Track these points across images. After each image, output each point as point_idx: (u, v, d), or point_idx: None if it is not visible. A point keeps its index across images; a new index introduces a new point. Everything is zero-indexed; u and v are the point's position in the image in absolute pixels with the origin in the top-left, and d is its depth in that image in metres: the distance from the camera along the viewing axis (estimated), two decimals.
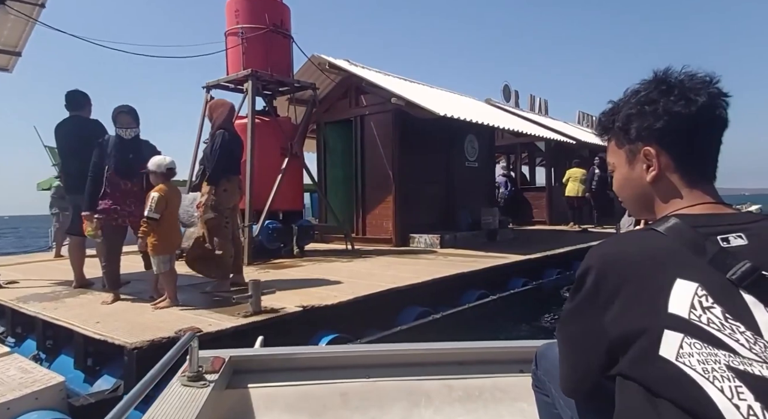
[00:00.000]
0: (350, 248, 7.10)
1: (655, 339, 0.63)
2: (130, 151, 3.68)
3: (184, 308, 3.49)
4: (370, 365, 1.52)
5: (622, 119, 0.84)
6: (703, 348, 0.60)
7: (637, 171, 0.84)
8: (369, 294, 3.88)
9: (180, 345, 1.28)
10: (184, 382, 1.34)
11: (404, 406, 1.45)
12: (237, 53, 6.89)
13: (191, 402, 1.24)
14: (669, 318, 0.63)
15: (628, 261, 0.71)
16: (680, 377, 0.60)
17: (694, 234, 0.69)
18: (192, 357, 1.37)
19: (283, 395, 1.45)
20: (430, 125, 7.47)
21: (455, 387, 1.48)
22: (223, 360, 1.45)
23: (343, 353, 1.58)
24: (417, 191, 7.97)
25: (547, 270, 6.27)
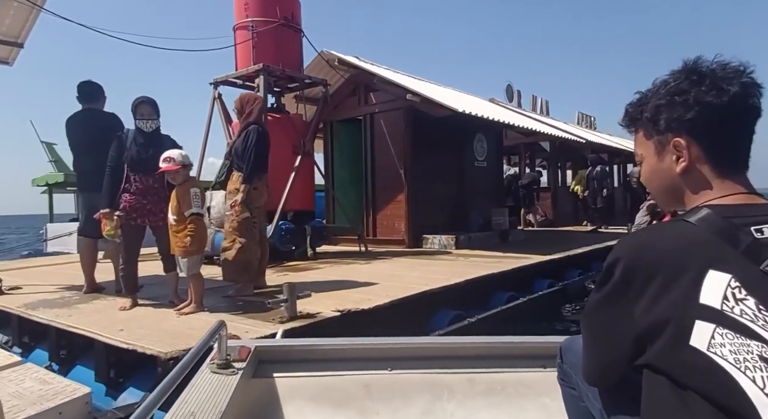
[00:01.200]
0: (364, 249, 6.89)
1: (685, 329, 0.63)
2: (151, 145, 3.44)
3: (212, 314, 3.25)
4: (393, 357, 1.52)
5: (650, 109, 0.83)
6: (736, 339, 0.60)
7: (667, 162, 0.83)
8: (404, 297, 3.68)
9: (211, 332, 1.33)
10: (214, 369, 1.38)
11: (427, 399, 1.46)
12: (247, 48, 6.66)
13: (221, 389, 1.28)
14: (701, 308, 0.63)
15: (659, 252, 0.71)
16: (711, 367, 0.60)
17: (726, 225, 0.69)
18: (221, 345, 1.41)
19: (307, 385, 1.48)
20: (440, 123, 7.30)
21: (478, 381, 1.48)
22: (249, 349, 1.48)
23: (367, 345, 1.57)
24: (429, 191, 7.79)
25: (568, 271, 6.12)
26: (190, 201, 3.15)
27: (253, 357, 1.49)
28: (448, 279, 4.34)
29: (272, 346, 1.57)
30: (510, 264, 5.32)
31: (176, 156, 3.15)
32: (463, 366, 1.51)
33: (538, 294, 5.02)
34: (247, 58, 6.69)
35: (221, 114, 7.11)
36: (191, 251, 3.20)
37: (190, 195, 3.17)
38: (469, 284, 4.38)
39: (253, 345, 1.53)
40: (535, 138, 11.09)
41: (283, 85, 7.12)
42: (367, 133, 8.03)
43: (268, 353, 1.55)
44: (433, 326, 3.81)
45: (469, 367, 1.50)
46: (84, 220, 4.21)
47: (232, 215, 3.58)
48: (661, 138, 0.83)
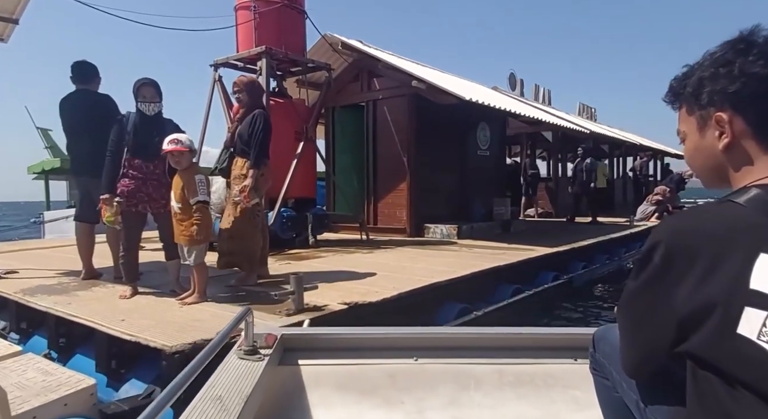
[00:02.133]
0: (365, 238, 6.81)
1: (733, 316, 0.60)
2: (153, 129, 3.31)
3: (216, 304, 3.17)
4: (418, 347, 1.50)
5: (693, 83, 0.78)
6: None
7: (708, 139, 0.78)
8: (412, 290, 3.60)
9: (237, 317, 1.34)
10: (241, 355, 1.38)
11: (453, 388, 1.44)
12: (249, 29, 6.48)
13: (249, 374, 1.28)
14: (750, 294, 0.59)
15: (703, 235, 0.67)
16: (761, 356, 0.56)
17: None
18: (248, 331, 1.42)
19: (332, 373, 1.48)
20: (444, 111, 7.18)
21: (506, 372, 1.46)
22: (275, 336, 1.48)
23: (392, 334, 1.56)
24: (431, 180, 7.69)
25: (573, 263, 6.08)
26: (195, 188, 3.04)
27: (279, 345, 1.49)
28: (454, 271, 4.27)
29: (298, 334, 1.57)
30: (515, 256, 5.25)
31: (184, 139, 3.04)
32: (491, 357, 1.48)
33: (543, 287, 4.96)
34: (249, 40, 6.51)
35: (222, 97, 6.94)
36: (198, 240, 3.10)
37: (196, 182, 3.06)
38: (475, 276, 4.32)
39: (280, 332, 1.52)
40: (537, 128, 10.98)
41: (286, 68, 6.95)
42: (369, 119, 7.89)
43: (293, 341, 1.54)
44: (439, 319, 3.75)
45: (497, 358, 1.48)
46: (79, 205, 4.09)
47: (241, 201, 3.47)
48: (703, 113, 0.77)
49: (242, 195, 3.44)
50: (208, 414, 1.13)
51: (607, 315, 5.20)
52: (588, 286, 5.93)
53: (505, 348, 1.50)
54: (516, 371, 1.46)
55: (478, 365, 1.47)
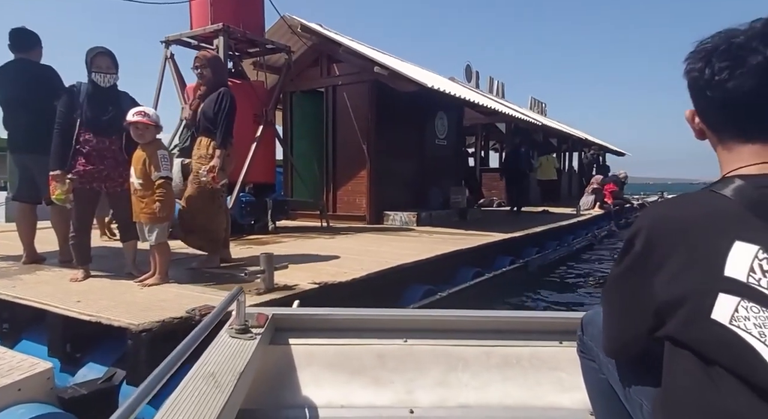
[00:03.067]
0: (325, 225, 6.75)
1: (708, 302, 0.61)
2: (108, 102, 3.11)
3: (180, 285, 3.05)
4: (407, 329, 1.53)
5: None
6: (761, 312, 0.58)
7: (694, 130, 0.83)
8: (380, 271, 3.63)
9: (230, 297, 1.35)
10: (232, 334, 1.39)
11: (441, 369, 1.47)
12: (203, 5, 6.21)
13: (240, 352, 1.29)
14: (725, 281, 0.61)
15: (682, 223, 0.69)
16: (734, 340, 0.58)
17: (756, 195, 0.66)
18: (239, 310, 1.42)
19: (323, 352, 1.50)
20: (404, 99, 7.22)
21: (493, 353, 1.49)
22: (266, 316, 1.49)
23: (381, 316, 1.58)
24: (391, 168, 7.72)
25: (526, 249, 6.32)
26: (158, 163, 2.90)
27: (271, 324, 1.49)
28: (418, 254, 4.33)
29: (289, 314, 1.58)
30: (475, 241, 5.39)
31: (151, 113, 2.89)
32: (479, 338, 1.51)
33: (501, 271, 5.13)
34: (204, 17, 6.24)
35: (174, 76, 6.62)
36: (160, 217, 2.96)
37: (159, 157, 2.91)
38: (438, 259, 4.40)
39: (271, 312, 1.53)
40: (492, 119, 11.26)
41: (243, 49, 6.72)
42: (329, 105, 7.80)
43: (284, 320, 1.54)
44: (406, 299, 3.80)
45: (485, 340, 1.51)
46: (18, 183, 3.79)
47: (208, 181, 3.34)
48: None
49: (210, 175, 3.31)
50: (201, 390, 1.12)
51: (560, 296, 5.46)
52: (541, 270, 6.19)
53: (492, 331, 1.53)
54: (503, 353, 1.49)
55: (466, 347, 1.50)
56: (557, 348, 1.48)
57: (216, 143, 3.42)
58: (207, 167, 3.35)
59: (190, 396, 1.07)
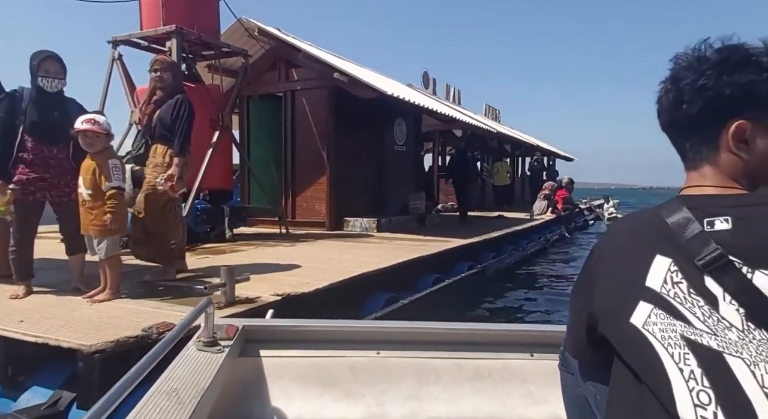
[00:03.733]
0: (284, 232, 6.65)
1: (629, 308, 0.69)
2: (55, 108, 2.94)
3: (134, 301, 2.91)
4: (380, 340, 1.52)
5: None
6: (666, 319, 0.66)
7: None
8: (343, 280, 3.60)
9: (197, 309, 1.30)
10: (200, 347, 1.35)
11: (413, 382, 1.46)
12: (155, 5, 5.98)
13: (207, 366, 1.26)
14: (645, 290, 0.69)
15: (622, 237, 0.79)
16: (643, 342, 0.66)
17: (683, 215, 0.71)
18: (208, 322, 1.38)
19: (294, 365, 1.47)
20: (363, 105, 7.24)
21: (465, 366, 1.49)
22: (236, 328, 1.45)
23: (354, 327, 1.57)
24: (350, 174, 7.70)
25: (484, 253, 6.46)
26: (110, 173, 2.76)
27: (241, 336, 1.44)
28: (380, 262, 4.34)
29: (260, 326, 1.52)
30: (434, 247, 5.46)
31: (102, 121, 2.75)
32: (451, 351, 1.51)
33: (461, 276, 5.22)
34: (155, 18, 6.02)
35: (123, 78, 6.34)
36: (111, 230, 2.82)
37: (110, 167, 2.78)
38: (400, 266, 4.43)
39: (241, 323, 1.47)
40: (449, 126, 11.44)
41: (197, 51, 6.51)
42: (287, 110, 7.69)
43: (255, 332, 1.50)
44: (369, 308, 3.80)
45: (457, 352, 1.51)
46: None
47: (165, 190, 3.21)
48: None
49: (168, 184, 3.19)
50: (162, 407, 1.06)
51: (515, 300, 5.61)
52: (498, 274, 6.35)
53: (465, 343, 1.53)
54: (475, 365, 1.49)
55: (438, 359, 1.49)
56: (528, 360, 1.49)
57: (174, 150, 3.30)
58: (165, 176, 3.23)
59: (149, 415, 1.02)
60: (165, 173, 3.32)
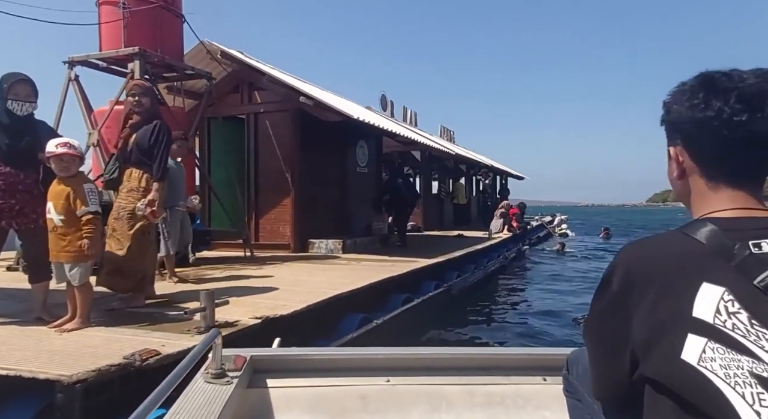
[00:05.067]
0: (249, 255, 6.57)
1: (677, 342, 0.62)
2: (25, 133, 2.86)
3: (107, 329, 2.82)
4: (390, 368, 1.49)
5: (663, 114, 0.82)
6: (726, 353, 0.59)
7: (671, 169, 0.83)
8: (319, 302, 3.63)
9: (206, 340, 1.29)
10: (208, 379, 1.33)
11: (425, 410, 1.43)
12: (116, 28, 5.90)
13: (216, 399, 1.24)
14: (693, 322, 0.62)
15: (655, 263, 0.71)
16: (702, 381, 0.58)
17: (723, 238, 0.68)
18: (216, 354, 1.36)
19: (303, 395, 1.44)
20: (326, 127, 7.36)
21: (477, 392, 1.46)
22: (244, 358, 1.43)
23: (363, 355, 1.54)
24: (314, 196, 7.74)
25: (448, 273, 6.63)
26: (85, 197, 2.70)
27: (249, 366, 1.42)
28: (352, 283, 4.39)
29: (268, 355, 1.50)
30: (402, 267, 5.57)
31: (76, 144, 2.70)
32: (462, 377, 1.48)
33: (429, 295, 5.34)
34: (116, 39, 5.93)
35: (80, 100, 6.16)
36: (87, 256, 2.74)
37: (85, 191, 2.72)
38: (371, 287, 4.49)
39: (249, 353, 1.45)
40: (408, 147, 11.73)
41: (159, 73, 6.44)
42: (250, 133, 7.68)
43: (264, 362, 1.47)
44: (343, 329, 3.83)
45: (469, 379, 1.48)
46: None
47: (145, 215, 3.16)
48: (667, 143, 0.82)
49: (149, 210, 3.14)
50: None
51: (482, 316, 5.79)
52: (462, 292, 6.53)
53: (476, 368, 1.49)
54: (487, 391, 1.45)
55: (449, 385, 1.46)
56: (541, 385, 1.45)
57: (153, 176, 3.27)
58: (145, 201, 3.18)
59: None
60: (144, 199, 3.28)
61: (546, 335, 5.13)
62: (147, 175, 3.29)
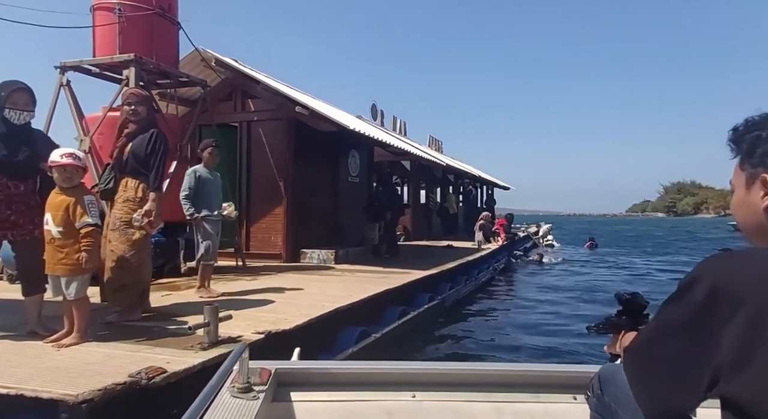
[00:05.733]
0: (241, 264, 6.49)
1: None
2: (23, 142, 2.79)
3: (103, 344, 2.75)
4: (416, 383, 1.47)
5: (750, 139, 0.79)
6: None
7: (753, 196, 0.78)
8: (321, 315, 3.60)
9: (235, 355, 1.29)
10: (234, 393, 1.32)
11: None
12: (110, 33, 5.82)
13: (243, 414, 1.24)
14: None
15: (752, 278, 0.66)
16: None
17: None
18: (242, 367, 1.35)
19: (328, 410, 1.42)
20: (319, 137, 7.35)
21: (504, 410, 1.43)
22: (269, 371, 1.42)
23: (389, 370, 1.52)
24: (307, 205, 7.70)
25: (441, 285, 6.64)
26: (86, 209, 2.65)
27: (273, 379, 1.41)
28: (351, 296, 4.37)
29: (292, 369, 1.49)
30: (397, 280, 5.56)
31: (80, 154, 2.66)
32: (490, 394, 1.45)
33: (424, 308, 5.34)
34: (111, 45, 5.84)
35: (71, 105, 6.04)
36: (85, 269, 2.68)
37: (85, 203, 2.67)
38: (371, 300, 4.48)
39: (274, 367, 1.44)
40: (400, 157, 11.77)
41: (153, 80, 6.37)
42: (243, 141, 7.63)
43: (288, 375, 1.46)
44: (342, 343, 3.80)
45: (496, 396, 1.45)
46: None
47: (142, 226, 3.10)
48: (753, 171, 0.78)
49: (146, 220, 3.09)
50: None
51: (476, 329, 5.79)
52: (456, 304, 6.54)
53: (503, 384, 1.46)
54: (514, 409, 1.42)
55: (476, 402, 1.43)
56: (570, 404, 1.40)
57: (150, 185, 3.22)
58: (142, 212, 3.12)
59: None
60: (141, 209, 3.22)
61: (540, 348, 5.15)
62: (143, 185, 3.24)
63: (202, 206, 4.36)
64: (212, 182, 4.53)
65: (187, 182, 4.39)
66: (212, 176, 4.57)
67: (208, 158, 4.54)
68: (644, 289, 8.53)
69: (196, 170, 4.50)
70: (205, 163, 4.55)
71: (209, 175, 4.52)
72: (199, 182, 4.40)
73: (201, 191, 4.39)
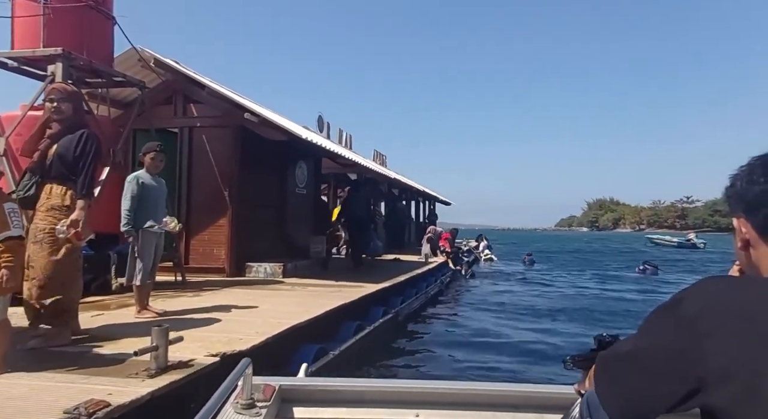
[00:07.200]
0: (180, 279, 6.01)
1: (763, 380, 0.59)
2: None
3: (27, 375, 2.35)
4: (420, 401, 1.45)
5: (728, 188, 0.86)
6: None
7: (737, 241, 0.84)
8: (278, 334, 3.35)
9: (237, 371, 1.26)
10: (238, 410, 1.30)
11: None
12: (33, 25, 5.27)
13: None
14: None
15: (740, 300, 0.69)
16: None
17: None
18: (246, 383, 1.33)
19: None
20: (266, 146, 7.09)
21: None
22: (273, 388, 1.40)
23: (393, 388, 1.51)
24: (252, 216, 7.34)
25: (393, 298, 6.53)
26: (7, 220, 2.27)
27: (277, 396, 1.38)
28: (307, 311, 4.14)
29: (296, 385, 1.46)
30: (352, 293, 5.38)
31: None
32: (495, 413, 1.45)
33: (380, 322, 5.19)
34: (33, 37, 5.30)
35: None
36: (6, 288, 2.28)
37: (6, 212, 2.29)
38: (328, 315, 4.26)
39: (278, 383, 1.41)
40: (346, 169, 11.62)
41: (83, 78, 5.82)
42: (183, 148, 7.16)
43: (292, 392, 1.43)
44: (298, 362, 3.54)
45: (500, 415, 1.45)
46: None
47: (67, 237, 2.72)
48: (733, 217, 0.84)
49: (72, 231, 2.72)
50: None
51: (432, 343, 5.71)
52: (406, 318, 6.44)
53: (508, 405, 1.45)
54: None
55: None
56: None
57: (78, 192, 2.85)
58: (68, 221, 2.75)
59: None
60: (66, 219, 2.84)
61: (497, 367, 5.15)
62: (71, 191, 2.87)
63: (144, 216, 3.95)
64: (156, 189, 4.13)
65: (130, 191, 3.94)
66: (156, 183, 4.16)
67: (151, 163, 4.13)
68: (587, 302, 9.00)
69: (139, 176, 4.06)
70: (147, 168, 4.14)
71: (153, 181, 4.11)
72: (143, 189, 3.98)
73: (144, 199, 3.98)
